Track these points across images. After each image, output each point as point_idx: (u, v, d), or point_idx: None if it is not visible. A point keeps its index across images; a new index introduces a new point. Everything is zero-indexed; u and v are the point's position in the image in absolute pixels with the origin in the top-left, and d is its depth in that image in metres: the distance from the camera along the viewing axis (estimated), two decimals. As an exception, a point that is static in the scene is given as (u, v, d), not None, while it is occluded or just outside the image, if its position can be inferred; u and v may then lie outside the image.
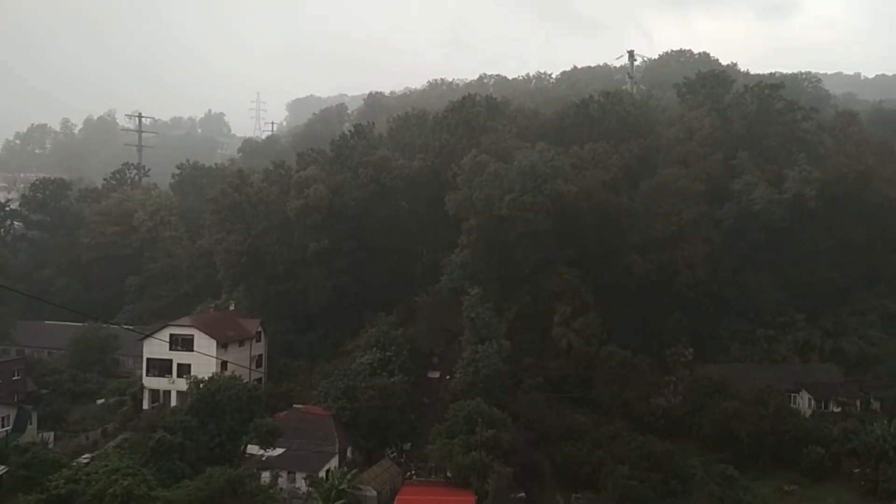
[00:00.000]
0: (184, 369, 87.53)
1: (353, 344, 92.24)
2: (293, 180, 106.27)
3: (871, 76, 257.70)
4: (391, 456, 79.37)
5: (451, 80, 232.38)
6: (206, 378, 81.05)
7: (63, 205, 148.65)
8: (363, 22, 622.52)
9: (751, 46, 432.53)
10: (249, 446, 75.37)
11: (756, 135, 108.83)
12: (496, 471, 66.66)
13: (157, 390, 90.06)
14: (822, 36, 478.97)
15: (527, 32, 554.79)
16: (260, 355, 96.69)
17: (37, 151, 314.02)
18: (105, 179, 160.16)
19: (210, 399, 77.65)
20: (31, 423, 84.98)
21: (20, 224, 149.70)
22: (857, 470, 73.53)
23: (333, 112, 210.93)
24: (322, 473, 71.87)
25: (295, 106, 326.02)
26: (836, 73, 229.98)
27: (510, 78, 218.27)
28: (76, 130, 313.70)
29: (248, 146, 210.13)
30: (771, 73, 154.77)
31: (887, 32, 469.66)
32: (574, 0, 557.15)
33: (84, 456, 75.97)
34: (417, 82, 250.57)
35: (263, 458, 74.16)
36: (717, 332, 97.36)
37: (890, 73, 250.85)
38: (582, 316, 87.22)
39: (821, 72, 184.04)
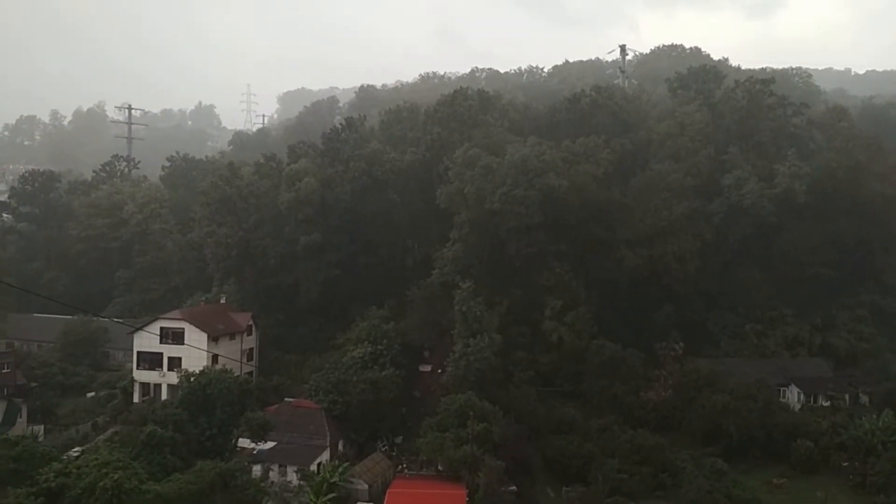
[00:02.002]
0: (174, 363, 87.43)
1: (344, 338, 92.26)
2: (284, 173, 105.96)
3: (861, 72, 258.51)
4: (382, 449, 79.56)
5: (442, 73, 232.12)
6: (197, 371, 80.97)
7: (52, 197, 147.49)
8: (354, 15, 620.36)
9: (741, 42, 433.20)
10: (240, 440, 75.35)
11: (747, 130, 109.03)
12: (487, 464, 66.83)
13: (148, 384, 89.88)
14: (813, 32, 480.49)
15: (517, 26, 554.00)
16: (251, 349, 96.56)
17: (26, 143, 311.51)
18: (94, 172, 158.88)
19: (201, 392, 77.51)
20: (20, 417, 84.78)
21: (9, 216, 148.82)
22: (845, 464, 74.19)
23: (325, 105, 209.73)
24: (313, 467, 71.96)
25: (286, 99, 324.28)
26: (826, 69, 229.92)
27: (502, 72, 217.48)
28: (66, 122, 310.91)
29: (239, 139, 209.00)
30: (762, 69, 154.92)
31: (878, 29, 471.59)
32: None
33: (74, 449, 75.84)
34: (409, 76, 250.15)
35: (254, 452, 74.14)
36: (707, 326, 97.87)
37: (880, 69, 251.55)
38: (573, 310, 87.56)
39: (811, 67, 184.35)
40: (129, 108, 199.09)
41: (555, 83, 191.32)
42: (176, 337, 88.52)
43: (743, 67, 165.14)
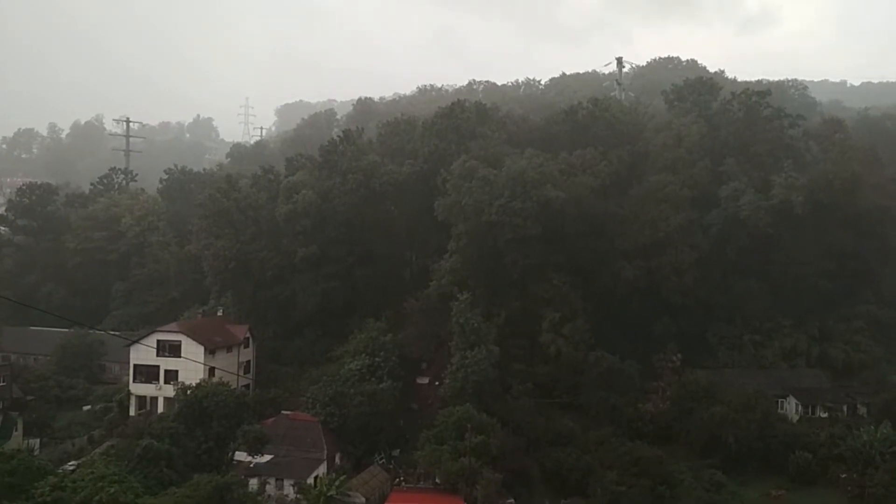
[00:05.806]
0: (171, 375, 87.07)
1: (341, 350, 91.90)
2: (282, 186, 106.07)
3: (856, 84, 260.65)
4: (380, 462, 79.27)
5: (440, 85, 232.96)
6: (194, 384, 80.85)
7: (50, 210, 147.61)
8: (352, 28, 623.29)
9: (736, 55, 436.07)
10: (237, 453, 75.12)
11: (743, 141, 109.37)
12: (485, 477, 66.67)
13: (144, 397, 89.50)
14: (808, 45, 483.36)
15: (513, 40, 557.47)
16: (248, 361, 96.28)
17: (23, 156, 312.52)
18: (92, 184, 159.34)
19: (197, 405, 77.34)
20: (16, 430, 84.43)
21: (6, 229, 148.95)
22: (844, 475, 73.88)
23: (322, 117, 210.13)
24: (310, 480, 71.65)
25: (284, 111, 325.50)
26: (822, 81, 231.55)
27: (499, 84, 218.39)
28: (63, 135, 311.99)
29: (237, 151, 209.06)
30: (757, 81, 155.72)
31: (873, 41, 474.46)
32: (555, 10, 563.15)
33: (70, 463, 75.57)
34: (407, 88, 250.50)
35: (251, 465, 73.85)
36: (704, 337, 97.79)
37: (875, 81, 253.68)
38: (571, 322, 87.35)
39: (807, 79, 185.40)
40: (127, 121, 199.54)
41: (552, 95, 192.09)
42: (173, 350, 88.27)
43: (739, 80, 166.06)
